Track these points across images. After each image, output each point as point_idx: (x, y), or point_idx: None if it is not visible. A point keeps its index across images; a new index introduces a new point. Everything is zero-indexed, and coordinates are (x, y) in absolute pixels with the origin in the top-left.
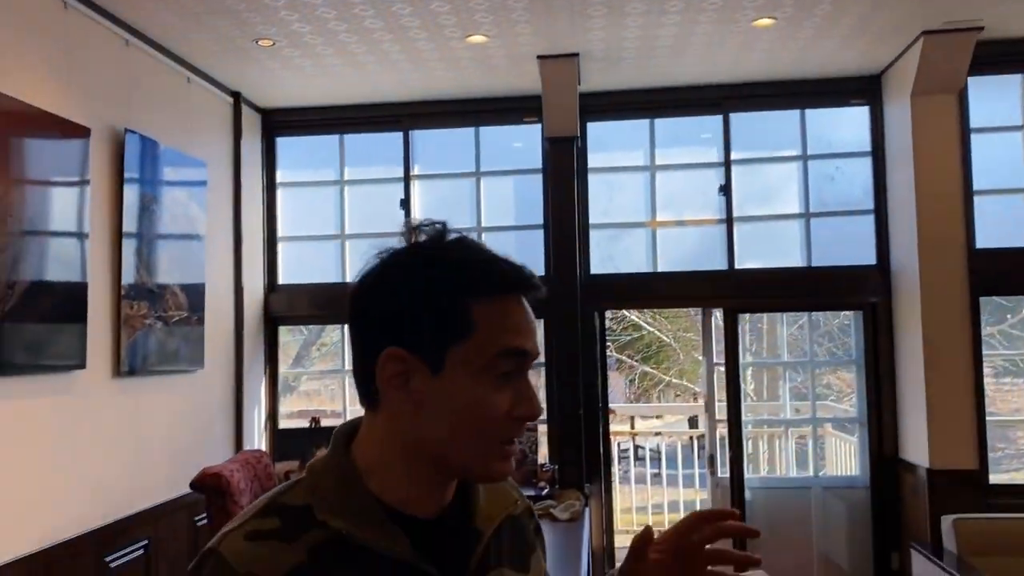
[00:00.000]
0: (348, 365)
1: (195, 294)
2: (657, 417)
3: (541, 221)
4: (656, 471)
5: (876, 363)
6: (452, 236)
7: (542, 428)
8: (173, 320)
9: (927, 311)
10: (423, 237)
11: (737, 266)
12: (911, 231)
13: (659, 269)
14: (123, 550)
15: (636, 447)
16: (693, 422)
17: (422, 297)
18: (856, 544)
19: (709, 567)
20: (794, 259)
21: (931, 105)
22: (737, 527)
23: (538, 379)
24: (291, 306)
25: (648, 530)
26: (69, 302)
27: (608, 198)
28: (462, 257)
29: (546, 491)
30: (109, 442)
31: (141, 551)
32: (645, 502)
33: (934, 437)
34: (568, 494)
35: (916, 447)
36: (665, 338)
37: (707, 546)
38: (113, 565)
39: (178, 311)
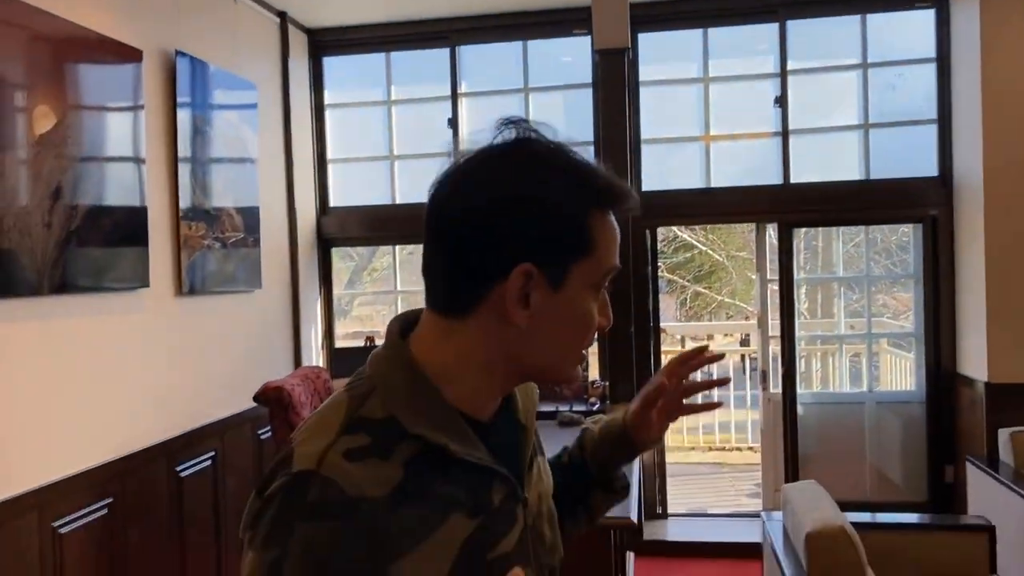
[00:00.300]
0: (400, 286)
1: (250, 216)
2: (708, 337)
3: (591, 137)
4: (707, 392)
5: (935, 277)
6: (536, 136)
7: (592, 347)
8: (230, 241)
9: (991, 223)
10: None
11: (792, 180)
12: (976, 141)
13: (712, 184)
14: (192, 461)
15: None
16: (745, 342)
17: (557, 212)
18: (910, 458)
19: (684, 400)
20: (852, 172)
21: (1002, 6)
22: (704, 358)
23: None
24: (343, 228)
25: (663, 383)
26: (130, 225)
27: (660, 112)
28: (577, 168)
29: (597, 406)
30: (175, 359)
31: (209, 462)
32: (696, 421)
33: (993, 351)
34: (620, 408)
35: (975, 361)
36: (718, 257)
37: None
38: (184, 475)
39: (234, 232)
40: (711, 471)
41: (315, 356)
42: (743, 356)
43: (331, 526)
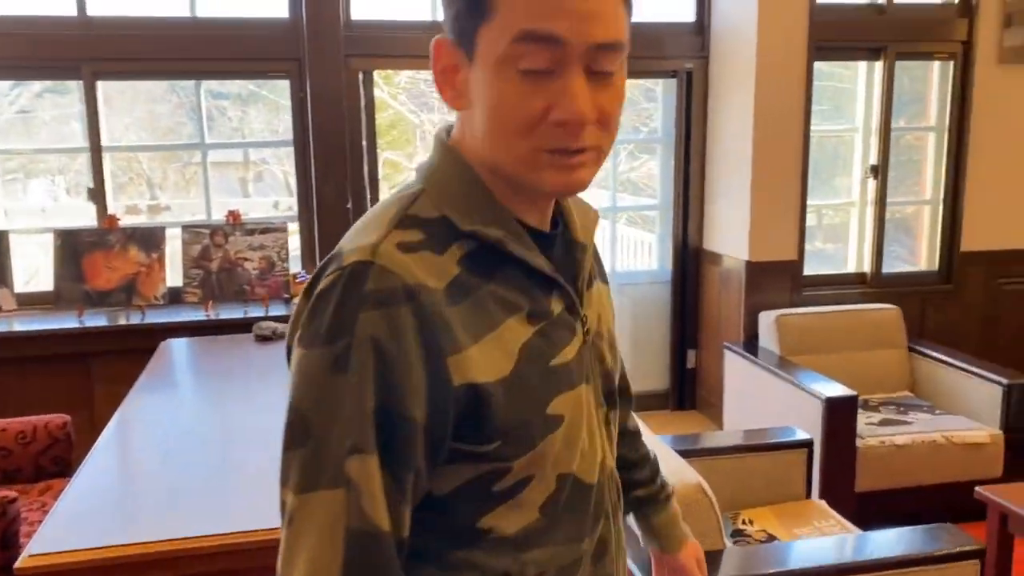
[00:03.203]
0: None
1: None
2: None
3: None
4: None
5: (687, 141)
6: None
7: (292, 228)
8: None
9: (763, 77)
10: None
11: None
12: None
13: None
14: None
15: None
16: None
17: None
18: (652, 344)
19: None
20: None
21: None
22: None
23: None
24: None
25: None
26: None
27: None
28: None
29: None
30: None
31: None
32: None
33: (756, 226)
34: None
35: (728, 237)
36: (406, 113)
37: None
38: None
39: None
40: None
41: None
42: None
43: (393, 313)
